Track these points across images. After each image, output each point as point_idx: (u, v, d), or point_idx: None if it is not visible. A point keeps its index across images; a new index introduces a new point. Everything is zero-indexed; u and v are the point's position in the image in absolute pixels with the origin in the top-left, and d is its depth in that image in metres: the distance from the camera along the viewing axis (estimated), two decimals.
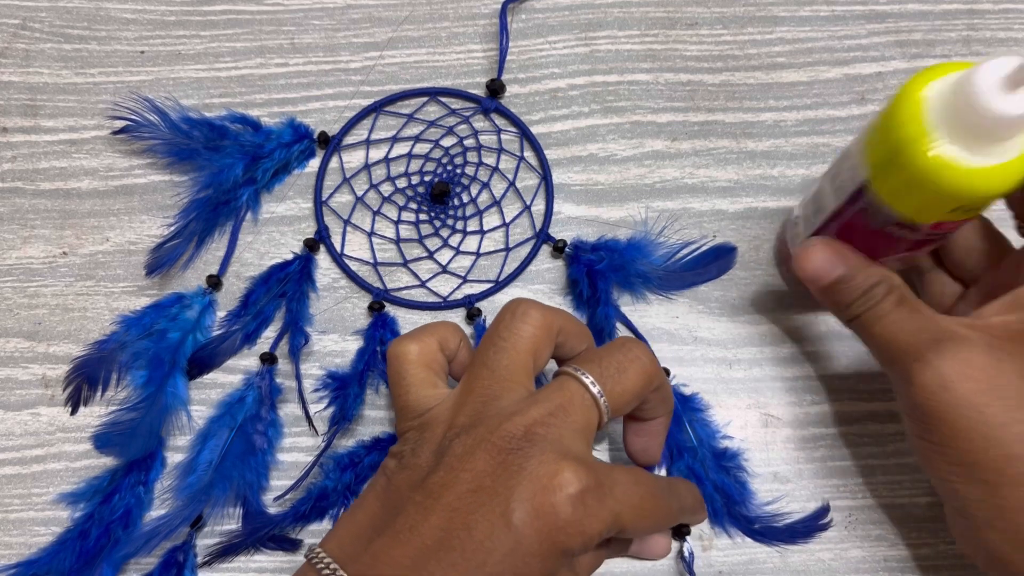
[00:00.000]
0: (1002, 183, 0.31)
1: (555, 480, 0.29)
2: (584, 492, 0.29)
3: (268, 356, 0.43)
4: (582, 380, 0.32)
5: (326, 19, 0.49)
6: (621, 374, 0.33)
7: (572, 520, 0.29)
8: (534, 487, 0.29)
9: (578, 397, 0.32)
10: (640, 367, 0.33)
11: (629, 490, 0.31)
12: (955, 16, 0.49)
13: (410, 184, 0.46)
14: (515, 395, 0.32)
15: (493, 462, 0.30)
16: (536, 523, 0.29)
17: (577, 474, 0.29)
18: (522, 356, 0.33)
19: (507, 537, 0.29)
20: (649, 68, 0.48)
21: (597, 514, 0.29)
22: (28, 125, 0.47)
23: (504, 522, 0.29)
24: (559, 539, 0.29)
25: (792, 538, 0.40)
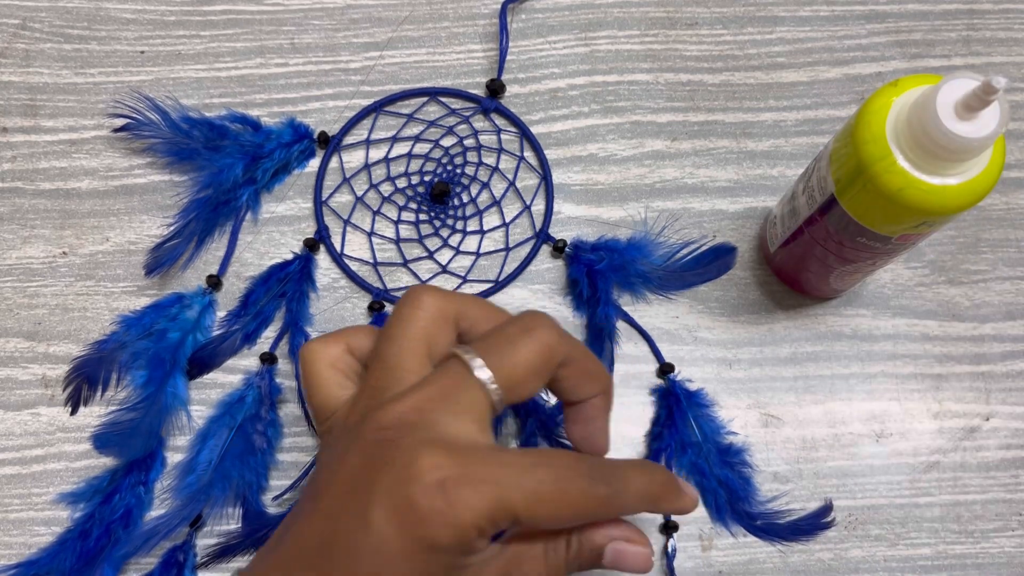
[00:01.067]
0: (966, 200, 0.31)
1: (411, 470, 0.27)
2: (446, 480, 0.26)
3: (268, 356, 0.43)
4: (465, 360, 0.29)
5: (326, 19, 0.49)
6: (512, 349, 0.30)
7: (432, 511, 0.26)
8: (393, 480, 0.27)
9: (460, 377, 0.29)
10: (534, 340, 0.30)
11: (522, 474, 0.28)
12: (955, 16, 0.49)
13: (410, 184, 0.46)
14: (405, 385, 0.30)
15: (364, 456, 0.28)
16: (395, 519, 0.26)
17: (437, 460, 0.27)
18: (413, 344, 0.30)
19: (370, 539, 0.27)
20: (649, 68, 0.48)
21: (467, 502, 0.26)
22: (28, 125, 0.47)
23: (365, 523, 0.27)
24: (421, 534, 0.26)
25: (795, 535, 0.40)
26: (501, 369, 0.29)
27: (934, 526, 0.41)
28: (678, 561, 0.40)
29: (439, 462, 0.27)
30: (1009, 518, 0.41)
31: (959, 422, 0.43)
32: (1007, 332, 0.44)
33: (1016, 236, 0.46)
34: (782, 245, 0.41)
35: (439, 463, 0.27)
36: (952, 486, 0.42)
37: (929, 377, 0.43)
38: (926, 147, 0.30)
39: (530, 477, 0.28)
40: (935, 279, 0.45)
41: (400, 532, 0.26)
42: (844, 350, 0.44)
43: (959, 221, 0.46)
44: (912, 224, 0.33)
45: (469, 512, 0.27)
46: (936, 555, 0.41)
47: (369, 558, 0.27)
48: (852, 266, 0.38)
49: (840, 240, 0.36)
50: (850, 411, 0.43)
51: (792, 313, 0.44)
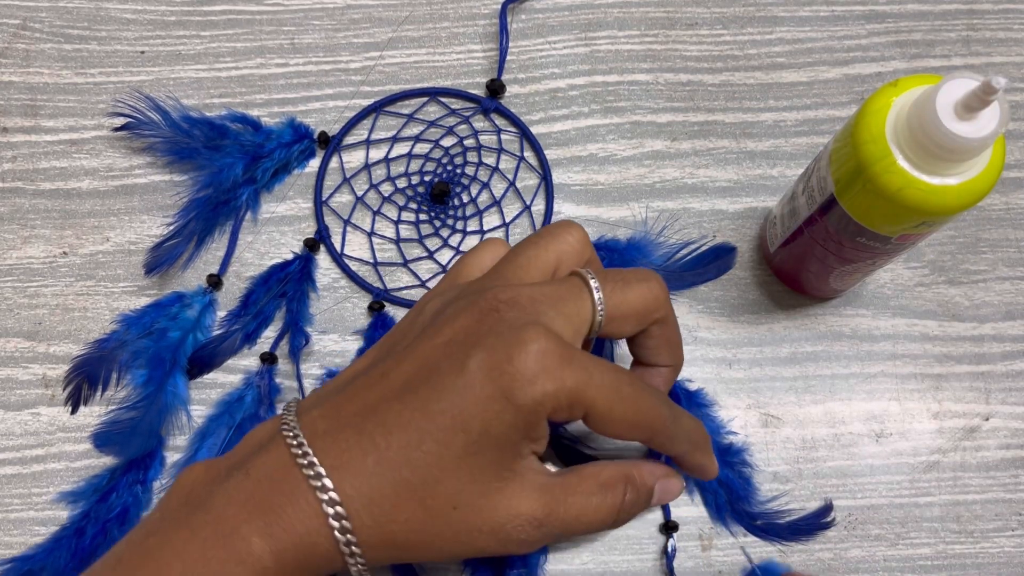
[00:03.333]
0: (966, 200, 0.31)
1: (520, 335, 0.29)
2: (546, 351, 0.29)
3: (268, 356, 0.43)
4: (584, 276, 0.33)
5: (326, 19, 0.49)
6: (625, 286, 0.33)
7: (524, 370, 0.29)
8: (499, 339, 0.29)
9: (576, 290, 0.32)
10: (646, 287, 0.33)
11: (605, 371, 0.30)
12: (955, 16, 0.49)
13: (410, 184, 0.46)
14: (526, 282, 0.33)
15: (473, 320, 0.31)
16: (488, 367, 0.29)
17: (545, 335, 0.29)
18: (545, 257, 0.34)
19: (459, 379, 0.29)
20: (649, 68, 0.48)
21: (554, 374, 0.29)
22: (28, 125, 0.47)
23: (461, 366, 0.29)
24: (506, 384, 0.29)
25: (795, 535, 0.40)
26: (612, 297, 0.33)
27: (934, 526, 0.41)
28: (678, 561, 0.40)
29: (546, 337, 0.29)
30: (1009, 518, 0.41)
31: (959, 422, 0.43)
32: (1007, 332, 0.44)
33: (1016, 236, 0.46)
34: (782, 245, 0.42)
35: (546, 338, 0.29)
36: (952, 486, 0.42)
37: (929, 377, 0.43)
38: (926, 147, 0.30)
39: (611, 375, 0.30)
40: (935, 279, 0.45)
41: (487, 377, 0.29)
42: (844, 350, 0.44)
43: (959, 221, 0.46)
44: (912, 224, 0.33)
45: (552, 383, 0.29)
46: (936, 555, 0.41)
47: (452, 394, 0.29)
48: (852, 266, 0.38)
49: (840, 240, 0.36)
50: (850, 411, 0.43)
51: (792, 313, 0.44)
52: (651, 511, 0.41)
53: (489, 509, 0.30)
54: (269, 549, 0.29)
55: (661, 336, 0.35)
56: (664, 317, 0.35)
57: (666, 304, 0.34)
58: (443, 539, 0.31)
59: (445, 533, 0.30)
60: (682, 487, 0.36)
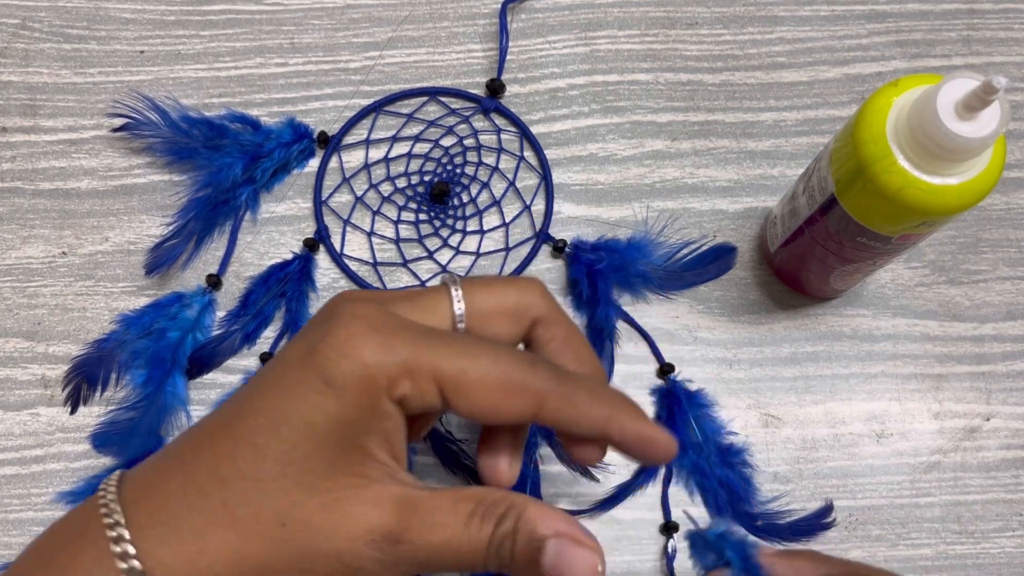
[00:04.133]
0: (966, 200, 0.31)
1: (338, 312, 0.26)
2: (363, 320, 0.25)
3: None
4: (445, 279, 0.30)
5: (326, 19, 0.49)
6: (488, 283, 0.30)
7: (335, 343, 0.25)
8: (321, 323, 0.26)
9: (433, 290, 0.29)
10: (512, 286, 0.30)
11: (457, 339, 0.27)
12: (955, 16, 0.49)
13: (410, 184, 0.46)
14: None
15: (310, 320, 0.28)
16: (302, 352, 0.26)
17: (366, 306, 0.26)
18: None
19: (274, 372, 0.26)
20: (649, 68, 0.48)
21: (377, 343, 0.25)
22: (28, 125, 0.47)
23: (279, 359, 0.27)
24: (319, 363, 0.25)
25: (795, 536, 0.40)
26: (473, 295, 0.29)
27: (934, 526, 0.41)
28: (678, 561, 0.40)
29: (363, 309, 0.26)
30: (1009, 518, 0.41)
31: (959, 422, 0.43)
32: (1007, 332, 0.44)
33: (1016, 236, 0.46)
34: (782, 245, 0.41)
35: (363, 309, 0.26)
36: (952, 486, 0.42)
37: (929, 377, 0.43)
38: (926, 147, 0.30)
39: (463, 341, 0.27)
40: (935, 279, 0.45)
41: (303, 362, 0.25)
42: (844, 350, 0.44)
43: (959, 221, 0.46)
44: (912, 224, 0.33)
45: (377, 354, 0.25)
46: (937, 555, 0.41)
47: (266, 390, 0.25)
48: (852, 266, 0.38)
49: (840, 240, 0.36)
50: (850, 411, 0.43)
51: (792, 313, 0.44)
52: (651, 511, 0.41)
53: (333, 525, 0.25)
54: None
55: (553, 340, 0.30)
56: (544, 316, 0.30)
57: (542, 302, 0.30)
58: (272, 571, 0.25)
59: (273, 562, 0.25)
60: (593, 567, 0.25)
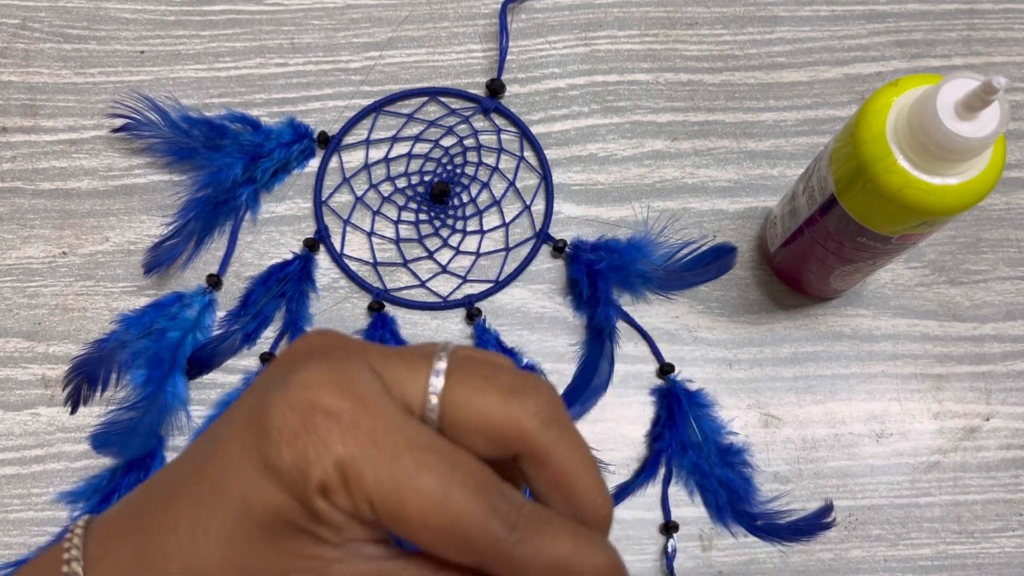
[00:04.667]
0: (966, 200, 0.31)
1: (290, 376, 0.21)
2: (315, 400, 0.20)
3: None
4: (440, 349, 0.23)
5: (326, 19, 0.49)
6: (483, 384, 0.22)
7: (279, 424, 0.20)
8: (275, 377, 0.22)
9: (421, 357, 0.22)
10: (509, 401, 0.22)
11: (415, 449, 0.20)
12: (955, 16, 0.49)
13: (410, 184, 0.46)
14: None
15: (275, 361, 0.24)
16: (249, 414, 0.22)
17: (324, 375, 0.21)
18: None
19: (220, 431, 0.22)
20: (649, 68, 0.48)
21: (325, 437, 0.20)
22: (28, 125, 0.47)
23: (230, 416, 0.23)
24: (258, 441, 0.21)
25: (795, 536, 0.40)
26: (454, 391, 0.22)
27: (934, 526, 0.41)
28: (678, 561, 0.40)
29: (321, 382, 0.21)
30: (1009, 518, 0.41)
31: (959, 422, 0.43)
32: (1007, 332, 0.44)
33: (1016, 236, 0.46)
34: (782, 245, 0.41)
35: (320, 383, 0.21)
36: (952, 486, 0.42)
37: (929, 377, 0.43)
38: (926, 147, 0.30)
39: (419, 456, 0.20)
40: (935, 279, 0.45)
41: (247, 430, 0.21)
42: (844, 350, 0.44)
43: (959, 221, 0.46)
44: (912, 224, 0.33)
45: (315, 447, 0.20)
46: (936, 555, 0.41)
47: (212, 451, 0.22)
48: (852, 266, 0.38)
49: (840, 240, 0.36)
50: (850, 411, 0.43)
51: (792, 313, 0.44)
52: (651, 511, 0.41)
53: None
54: None
55: (541, 478, 0.22)
56: (534, 454, 0.22)
57: (540, 434, 0.22)
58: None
59: None
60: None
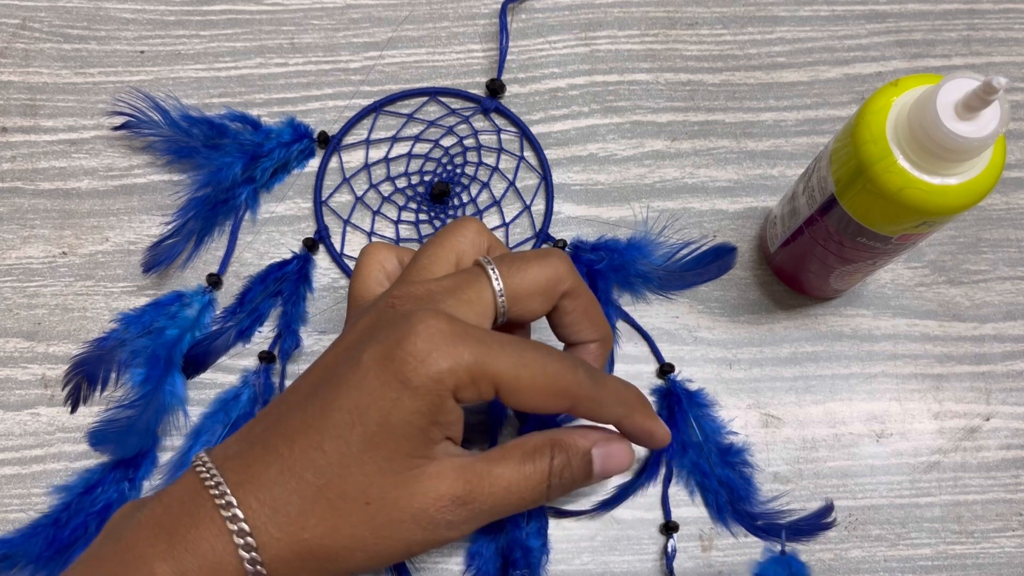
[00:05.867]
0: (966, 200, 0.31)
1: (409, 319, 0.29)
2: (436, 329, 0.29)
3: (267, 355, 0.42)
4: (482, 263, 0.33)
5: (326, 19, 0.49)
6: (524, 265, 0.33)
7: (414, 350, 0.29)
8: (391, 329, 0.30)
9: (473, 276, 0.32)
10: (545, 263, 0.33)
11: (508, 341, 0.30)
12: (955, 16, 0.49)
13: (410, 184, 0.46)
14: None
15: (371, 320, 0.31)
16: (379, 356, 0.29)
17: (435, 316, 0.29)
18: (445, 254, 0.34)
19: (353, 374, 0.29)
20: (649, 68, 0.48)
21: (447, 350, 0.29)
22: (28, 125, 0.47)
23: (355, 361, 0.30)
24: (397, 368, 0.29)
25: (795, 536, 0.40)
26: (511, 278, 0.33)
27: (934, 526, 0.41)
28: (678, 561, 0.40)
29: (431, 318, 0.29)
30: (1009, 518, 0.41)
31: (959, 422, 0.43)
32: (1007, 332, 0.44)
33: (1016, 236, 0.46)
34: (782, 245, 0.41)
35: (431, 318, 0.29)
36: (952, 486, 0.42)
37: (929, 377, 0.43)
38: (926, 147, 0.30)
39: (518, 345, 0.30)
40: (935, 279, 0.45)
41: (381, 366, 0.29)
42: (844, 350, 0.44)
43: (959, 221, 0.46)
44: (912, 224, 0.33)
45: (447, 360, 0.29)
46: (936, 555, 0.41)
47: (347, 389, 0.29)
48: (852, 266, 0.38)
49: (840, 240, 0.36)
50: (850, 411, 0.43)
51: (792, 313, 0.44)
52: (651, 511, 0.41)
53: (405, 498, 0.30)
54: (171, 571, 0.28)
55: (575, 310, 0.35)
56: (572, 289, 0.34)
57: (570, 276, 0.34)
58: (363, 540, 0.30)
59: (362, 532, 0.30)
60: (631, 454, 0.35)
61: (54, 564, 0.39)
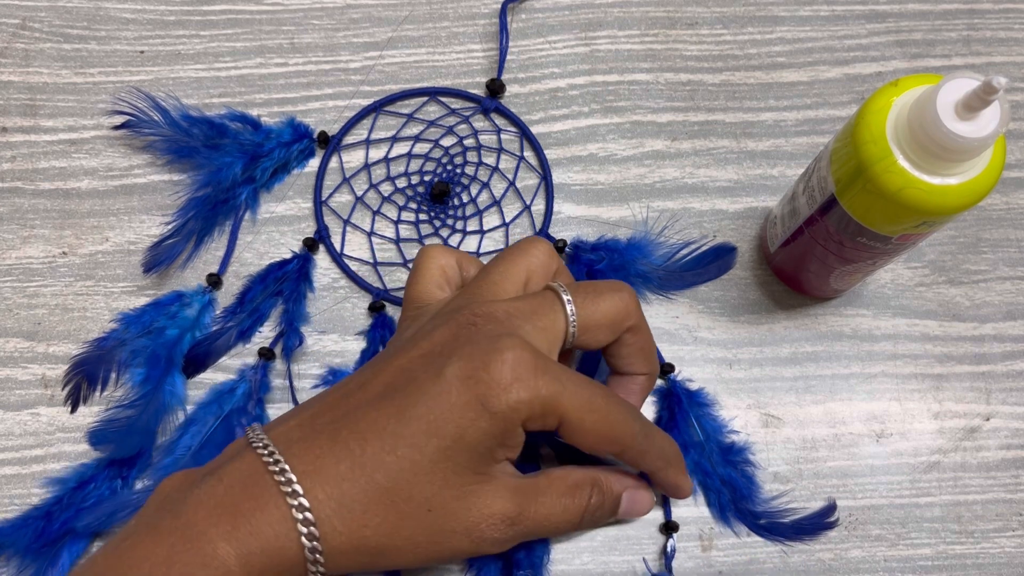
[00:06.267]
0: (966, 200, 0.31)
1: (496, 344, 0.31)
2: (521, 360, 0.31)
3: (267, 351, 0.42)
4: (557, 290, 0.34)
5: (326, 19, 0.49)
6: (596, 296, 0.34)
7: (499, 378, 0.30)
8: (476, 348, 0.31)
9: (549, 303, 0.34)
10: (617, 297, 0.35)
11: (579, 383, 0.32)
12: (955, 16, 0.49)
13: (410, 184, 0.46)
14: (500, 298, 0.35)
15: (451, 333, 0.32)
16: (464, 374, 0.30)
17: (521, 346, 0.31)
18: (515, 272, 0.35)
19: (435, 386, 0.31)
20: (649, 68, 0.48)
21: (529, 383, 0.30)
22: (28, 125, 0.47)
23: (437, 373, 0.31)
24: (481, 391, 0.30)
25: (798, 535, 0.40)
26: (583, 308, 0.34)
27: (934, 526, 0.41)
28: (678, 561, 0.40)
29: (518, 348, 0.31)
30: (1009, 518, 0.41)
31: (959, 422, 0.43)
32: (1007, 332, 0.44)
33: (1016, 236, 0.46)
34: (782, 245, 0.41)
35: (518, 348, 0.31)
36: (952, 486, 0.42)
37: (929, 377, 0.43)
38: (926, 147, 0.30)
39: (584, 388, 0.32)
40: (935, 279, 0.45)
41: (463, 384, 0.30)
42: (844, 350, 0.44)
43: (959, 221, 0.46)
44: (912, 224, 0.33)
45: (527, 391, 0.30)
46: (936, 555, 0.41)
47: (428, 399, 0.30)
48: (852, 266, 0.38)
49: (840, 240, 0.36)
50: (850, 411, 0.43)
51: (792, 313, 0.44)
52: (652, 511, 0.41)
53: (463, 511, 0.32)
54: (235, 553, 0.29)
55: (634, 344, 0.36)
56: (636, 325, 0.36)
57: (637, 312, 0.36)
58: (416, 542, 0.31)
59: (418, 536, 0.31)
60: (652, 502, 0.38)
61: (43, 556, 0.39)
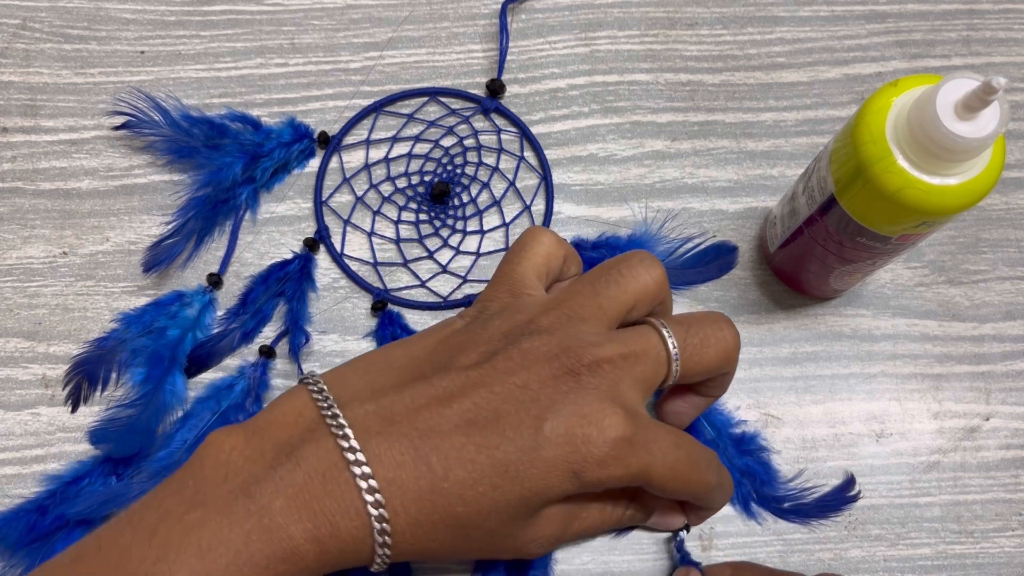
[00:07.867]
0: (966, 200, 0.31)
1: (600, 417, 0.31)
2: (621, 440, 0.31)
3: (268, 349, 0.42)
4: (665, 337, 0.33)
5: (326, 19, 0.49)
6: (704, 347, 0.34)
7: (598, 455, 0.30)
8: (577, 412, 0.31)
9: (654, 350, 0.33)
10: (724, 348, 0.34)
11: (668, 451, 0.32)
12: (955, 16, 0.49)
13: (410, 184, 0.46)
14: (528, 296, 0.35)
15: (551, 374, 0.31)
16: (562, 439, 0.30)
17: (622, 421, 0.31)
18: (627, 296, 0.34)
19: (531, 437, 0.30)
20: (649, 68, 0.48)
21: (624, 461, 0.31)
22: (28, 125, 0.47)
23: (534, 424, 0.31)
24: (577, 463, 0.30)
25: (824, 512, 0.40)
26: (689, 359, 0.34)
27: (934, 526, 0.41)
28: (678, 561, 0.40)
29: (623, 423, 0.31)
30: (1009, 518, 0.41)
31: (959, 422, 0.43)
32: (1007, 332, 0.44)
33: (1016, 236, 0.46)
34: (782, 245, 0.41)
35: (623, 424, 0.31)
36: (952, 486, 0.42)
37: (929, 377, 0.43)
38: (926, 147, 0.30)
39: (672, 455, 0.32)
40: (935, 279, 0.45)
41: (561, 451, 0.30)
42: (844, 350, 0.44)
43: (959, 221, 0.46)
44: (912, 224, 0.33)
45: (621, 470, 0.31)
46: (936, 555, 0.41)
47: (519, 450, 0.30)
48: (852, 266, 0.38)
49: (840, 240, 0.36)
50: (850, 411, 0.43)
51: (792, 313, 0.44)
52: None
53: (520, 534, 0.32)
54: (315, 552, 0.29)
55: (723, 380, 0.37)
56: (732, 369, 0.36)
57: (736, 354, 0.35)
58: (470, 552, 0.33)
59: (474, 551, 0.33)
60: (683, 524, 0.39)
61: (34, 550, 0.39)
